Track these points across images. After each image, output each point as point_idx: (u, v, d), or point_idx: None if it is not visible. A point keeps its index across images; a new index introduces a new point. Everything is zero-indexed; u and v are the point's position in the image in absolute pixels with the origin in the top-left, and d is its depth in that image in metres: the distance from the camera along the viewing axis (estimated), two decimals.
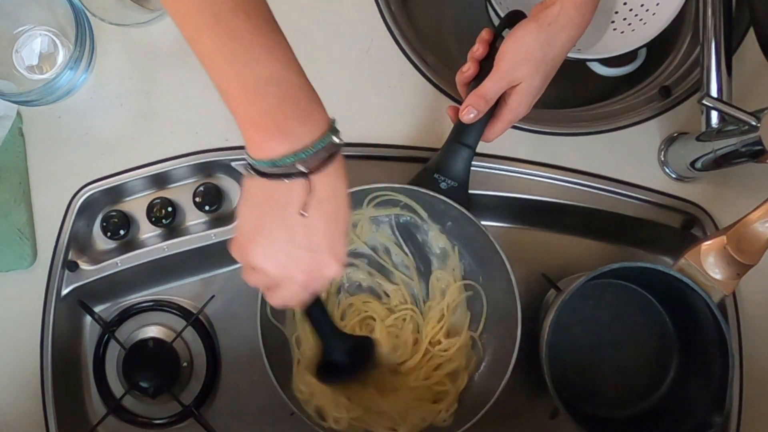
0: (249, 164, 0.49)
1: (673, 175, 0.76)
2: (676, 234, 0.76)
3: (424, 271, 0.75)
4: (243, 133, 0.48)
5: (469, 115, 0.63)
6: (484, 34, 0.65)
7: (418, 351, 0.72)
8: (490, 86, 0.62)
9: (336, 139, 0.49)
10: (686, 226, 0.76)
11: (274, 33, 0.47)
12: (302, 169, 0.47)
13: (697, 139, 0.70)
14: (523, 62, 0.61)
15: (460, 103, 0.68)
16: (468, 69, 0.65)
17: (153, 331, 0.78)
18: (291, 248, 0.50)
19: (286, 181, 0.48)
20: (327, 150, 0.48)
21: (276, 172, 0.48)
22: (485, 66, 0.64)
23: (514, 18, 0.65)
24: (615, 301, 0.74)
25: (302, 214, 0.49)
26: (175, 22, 0.47)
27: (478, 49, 0.64)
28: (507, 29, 0.66)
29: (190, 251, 0.75)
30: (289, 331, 0.72)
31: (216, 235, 0.74)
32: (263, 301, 0.67)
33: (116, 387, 0.77)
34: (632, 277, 0.73)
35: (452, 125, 0.68)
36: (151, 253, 0.74)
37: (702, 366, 0.68)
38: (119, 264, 0.74)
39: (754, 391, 0.73)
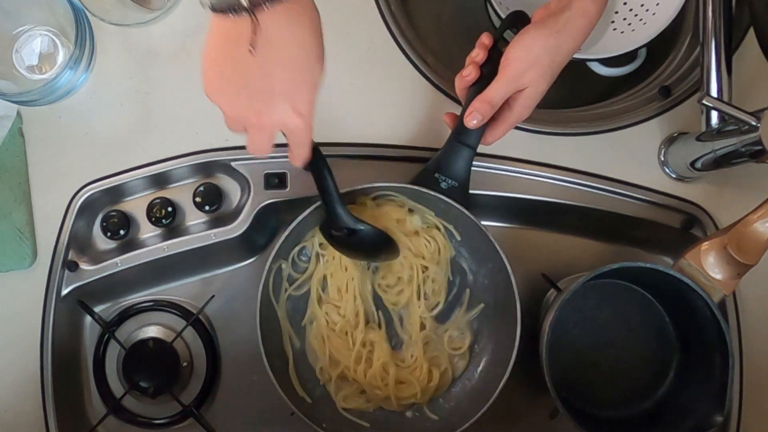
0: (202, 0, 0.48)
1: (673, 175, 0.76)
2: (676, 234, 0.76)
3: None
4: None
5: (473, 120, 0.63)
6: (485, 39, 0.65)
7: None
8: (496, 91, 0.62)
9: None
10: (686, 226, 0.76)
11: None
12: (245, 3, 0.47)
13: (697, 139, 0.70)
14: (531, 68, 0.61)
15: (459, 103, 0.68)
16: (469, 74, 0.64)
17: (153, 331, 0.78)
18: (242, 88, 0.51)
19: (232, 16, 0.48)
20: None
21: (222, 6, 0.47)
22: (485, 70, 0.64)
23: (516, 19, 0.65)
24: (615, 301, 0.74)
25: (251, 52, 0.49)
26: None
27: (479, 54, 0.64)
28: (509, 30, 0.66)
29: (190, 251, 0.74)
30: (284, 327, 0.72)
31: (216, 235, 0.74)
32: (263, 302, 0.67)
33: (116, 387, 0.77)
34: (632, 277, 0.73)
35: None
36: (151, 253, 0.74)
37: (702, 366, 0.68)
38: (119, 264, 0.74)
39: (754, 391, 0.73)
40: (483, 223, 0.69)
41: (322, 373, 0.72)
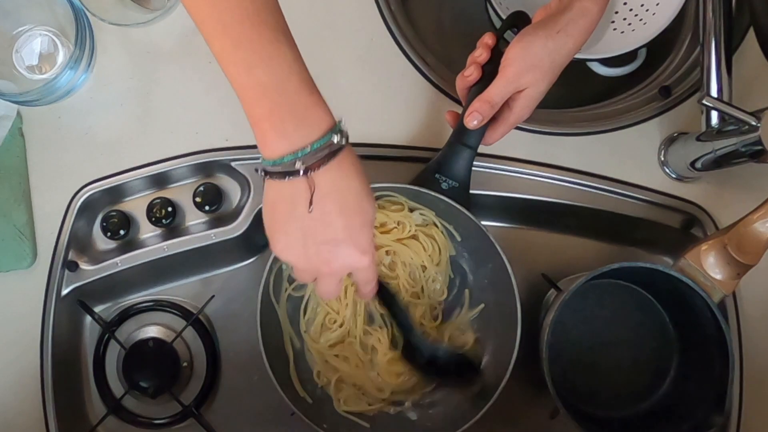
0: (260, 164, 0.53)
1: (673, 175, 0.76)
2: (676, 234, 0.76)
3: None
4: (254, 132, 0.52)
5: (473, 121, 0.63)
6: (487, 39, 0.65)
7: None
8: (497, 92, 0.62)
9: (336, 139, 0.52)
10: (686, 226, 0.76)
11: (278, 42, 0.51)
12: (300, 167, 0.51)
13: (697, 139, 0.70)
14: (531, 68, 0.61)
15: (460, 103, 0.68)
16: (471, 74, 0.64)
17: (153, 331, 0.78)
18: (307, 242, 0.54)
19: (289, 179, 0.52)
20: (326, 149, 0.52)
21: (278, 170, 0.52)
22: (487, 70, 0.64)
23: (516, 19, 0.65)
24: (615, 301, 0.74)
25: (309, 210, 0.53)
26: (195, 23, 0.51)
27: (481, 54, 0.64)
28: (509, 31, 0.66)
29: (190, 251, 0.74)
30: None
31: (216, 235, 0.74)
32: (263, 302, 0.67)
33: (116, 387, 0.77)
34: (632, 277, 0.73)
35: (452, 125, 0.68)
36: (151, 253, 0.74)
37: (702, 366, 0.68)
38: (119, 264, 0.74)
39: (754, 391, 0.73)
40: (483, 223, 0.69)
41: (320, 377, 0.72)
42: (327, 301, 0.72)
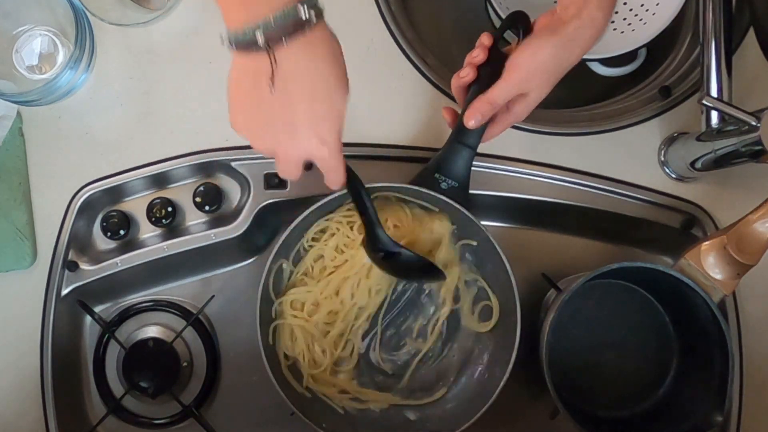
0: (222, 37, 0.50)
1: (673, 175, 0.76)
2: (676, 234, 0.76)
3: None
4: (217, 1, 0.49)
5: (471, 120, 0.63)
6: (485, 40, 0.64)
7: None
8: (500, 94, 0.62)
9: (303, 13, 0.48)
10: (686, 226, 0.76)
11: None
12: (260, 40, 0.48)
13: (697, 139, 0.70)
14: (537, 74, 0.61)
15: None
16: (466, 75, 0.64)
17: (153, 331, 0.78)
18: (266, 122, 0.52)
19: (251, 54, 0.49)
20: (292, 23, 0.48)
21: (238, 44, 0.48)
22: (482, 71, 0.64)
23: (516, 19, 0.65)
24: (615, 301, 0.74)
25: (270, 88, 0.50)
26: None
27: (479, 55, 0.64)
28: (509, 30, 0.66)
29: (190, 251, 0.75)
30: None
31: (216, 235, 0.74)
32: (263, 302, 0.67)
33: (116, 387, 0.77)
34: (632, 277, 0.73)
35: (451, 127, 0.68)
36: (151, 253, 0.74)
37: (702, 366, 0.68)
38: (119, 264, 0.74)
39: (754, 391, 0.73)
40: (483, 223, 0.69)
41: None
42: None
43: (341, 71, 0.53)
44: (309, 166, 0.58)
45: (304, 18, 0.48)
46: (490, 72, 0.63)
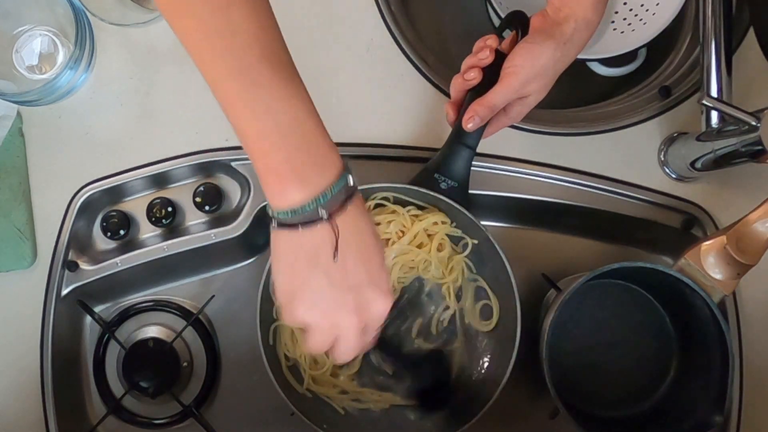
0: (272, 216, 0.49)
1: (673, 175, 0.76)
2: (676, 234, 0.76)
3: None
4: (263, 183, 0.48)
5: (470, 123, 0.63)
6: (491, 42, 0.64)
7: None
8: (499, 97, 0.62)
9: (351, 180, 0.50)
10: (686, 226, 0.76)
11: (294, 81, 0.48)
12: (324, 213, 0.48)
13: (697, 139, 0.70)
14: (537, 77, 0.61)
15: None
16: (473, 78, 0.63)
17: (153, 331, 0.78)
18: (332, 293, 0.50)
19: (311, 228, 0.48)
20: (344, 192, 0.49)
21: (298, 221, 0.48)
22: (486, 72, 0.64)
23: (514, 19, 0.65)
24: (615, 301, 0.74)
25: (334, 258, 0.49)
26: (197, 65, 0.48)
27: (487, 57, 0.63)
28: (507, 30, 0.66)
29: (190, 251, 0.74)
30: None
31: (216, 235, 0.74)
32: (263, 302, 0.67)
33: (116, 387, 0.77)
34: (632, 277, 0.73)
35: (452, 125, 0.68)
36: (151, 253, 0.74)
37: (702, 366, 0.68)
38: (119, 264, 0.74)
39: (754, 391, 0.73)
40: (483, 223, 0.69)
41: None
42: None
43: (374, 224, 0.54)
44: None
45: (352, 184, 0.50)
46: (491, 74, 0.63)
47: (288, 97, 0.47)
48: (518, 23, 0.64)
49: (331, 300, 0.50)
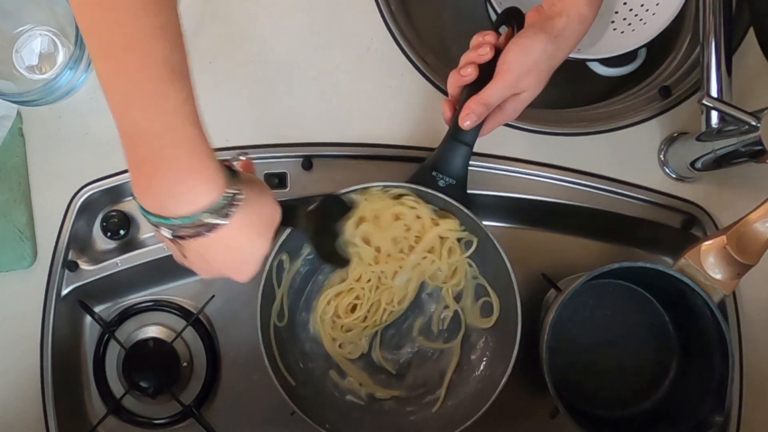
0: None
1: (673, 175, 0.76)
2: (676, 234, 0.76)
3: None
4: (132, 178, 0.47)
5: (466, 121, 0.63)
6: (490, 38, 0.64)
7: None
8: (494, 94, 0.62)
9: (209, 219, 0.48)
10: (686, 226, 0.76)
11: (170, 81, 0.43)
12: (166, 233, 0.48)
13: (697, 139, 0.70)
14: (530, 73, 0.61)
15: None
16: (469, 74, 0.63)
17: (153, 331, 0.78)
18: (202, 265, 0.55)
19: (159, 229, 0.49)
20: (196, 226, 0.47)
21: (151, 219, 0.48)
22: (483, 69, 0.64)
23: (510, 15, 0.65)
24: (615, 301, 0.74)
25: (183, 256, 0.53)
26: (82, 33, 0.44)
27: (486, 54, 0.63)
28: (504, 26, 0.66)
29: None
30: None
31: None
32: (263, 302, 0.67)
33: (116, 387, 0.77)
34: (632, 277, 0.73)
35: (449, 123, 0.68)
36: (151, 253, 0.74)
37: (702, 366, 0.68)
38: (119, 264, 0.74)
39: (754, 391, 0.73)
40: (483, 223, 0.69)
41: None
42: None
43: (258, 241, 0.54)
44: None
45: (209, 224, 0.48)
46: (486, 69, 0.63)
47: (151, 97, 0.43)
48: (514, 19, 0.64)
49: (203, 270, 0.56)
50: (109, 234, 0.75)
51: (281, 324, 0.72)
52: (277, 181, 0.75)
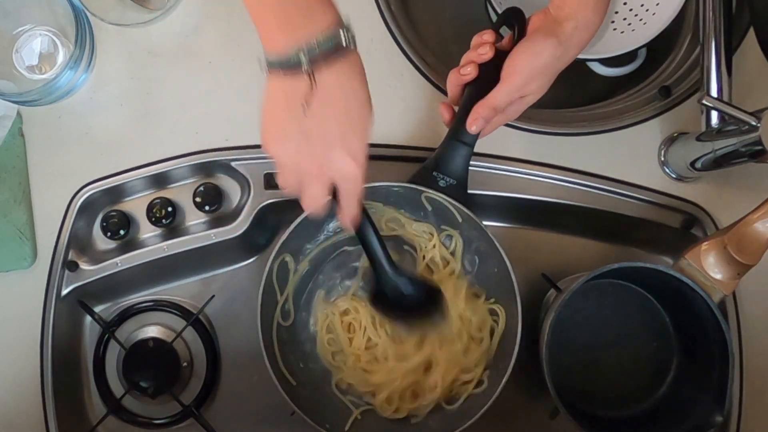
0: (261, 59, 0.51)
1: (673, 175, 0.76)
2: (676, 234, 0.76)
3: None
4: (255, 24, 0.50)
5: (473, 125, 0.64)
6: (488, 37, 0.64)
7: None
8: (502, 98, 0.62)
9: (343, 37, 0.51)
10: (686, 226, 0.76)
11: None
12: (304, 63, 0.49)
13: (697, 139, 0.70)
14: (537, 76, 0.61)
15: None
16: (469, 73, 0.64)
17: (153, 331, 0.78)
18: (301, 139, 0.53)
19: (292, 76, 0.50)
20: (333, 47, 0.50)
21: (281, 65, 0.50)
22: (481, 68, 0.64)
23: (511, 16, 0.65)
24: (615, 301, 0.74)
25: (304, 108, 0.51)
26: None
27: (486, 53, 0.63)
28: (504, 26, 0.66)
29: (190, 251, 0.74)
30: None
31: (216, 235, 0.74)
32: (263, 301, 0.67)
33: (116, 387, 0.77)
34: (632, 277, 0.73)
35: (447, 125, 0.68)
36: (151, 253, 0.74)
37: (702, 366, 0.68)
38: (119, 264, 0.74)
39: (754, 391, 0.73)
40: (483, 223, 0.69)
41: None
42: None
43: (368, 92, 0.55)
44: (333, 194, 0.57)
45: (344, 44, 0.51)
46: (487, 69, 0.63)
47: None
48: (514, 19, 0.64)
49: (299, 144, 0.53)
50: (109, 234, 0.75)
51: (286, 323, 0.72)
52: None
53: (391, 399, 0.71)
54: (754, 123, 0.61)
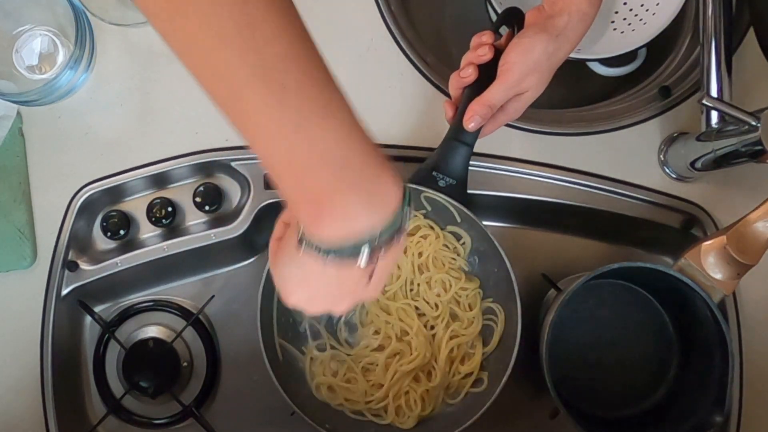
0: (302, 236, 0.42)
1: (673, 175, 0.76)
2: (676, 234, 0.76)
3: None
4: (294, 210, 0.42)
5: (471, 123, 0.63)
6: (487, 38, 0.64)
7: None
8: (497, 95, 0.62)
9: (405, 220, 0.43)
10: (686, 226, 0.76)
11: (330, 87, 0.39)
12: (364, 256, 0.41)
13: (697, 139, 0.70)
14: (532, 72, 0.61)
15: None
16: (469, 75, 0.64)
17: (153, 331, 0.78)
18: (333, 298, 0.48)
19: (345, 265, 0.42)
20: (395, 230, 0.42)
21: (333, 254, 0.42)
22: (482, 70, 0.64)
23: (510, 15, 0.65)
24: (615, 301, 0.74)
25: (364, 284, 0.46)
26: (202, 80, 0.39)
27: (486, 54, 0.63)
28: (504, 26, 0.66)
29: (190, 251, 0.74)
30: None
31: (216, 235, 0.74)
32: (263, 302, 0.67)
33: (116, 387, 0.77)
34: (632, 277, 0.73)
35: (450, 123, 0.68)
36: (151, 253, 0.74)
37: (702, 366, 0.68)
38: (119, 264, 0.74)
39: (754, 391, 0.73)
40: (483, 223, 0.69)
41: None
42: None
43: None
44: None
45: (404, 225, 0.43)
46: (487, 69, 0.63)
47: (326, 112, 0.39)
48: (514, 19, 0.64)
49: (329, 304, 0.49)
50: (109, 234, 0.75)
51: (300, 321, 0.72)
52: None
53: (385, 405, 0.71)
54: (754, 123, 0.61)
